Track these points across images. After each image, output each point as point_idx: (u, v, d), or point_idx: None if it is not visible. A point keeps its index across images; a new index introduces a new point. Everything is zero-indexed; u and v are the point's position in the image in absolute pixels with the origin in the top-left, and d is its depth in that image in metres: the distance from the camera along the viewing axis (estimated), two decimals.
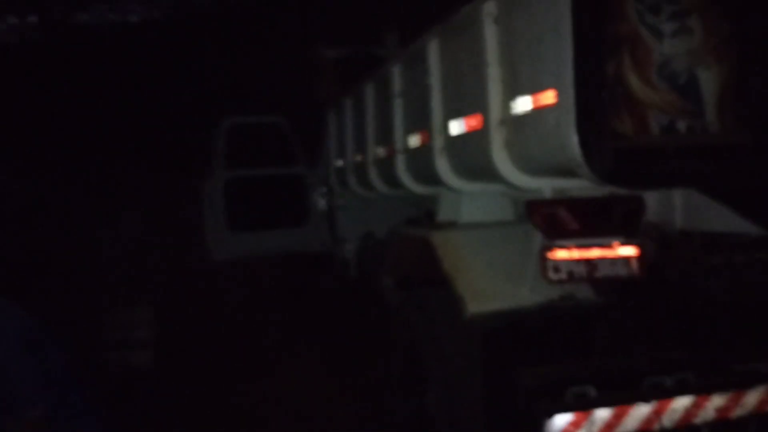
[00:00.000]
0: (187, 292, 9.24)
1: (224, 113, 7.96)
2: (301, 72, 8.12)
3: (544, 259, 2.94)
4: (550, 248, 2.93)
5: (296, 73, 8.57)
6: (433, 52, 3.84)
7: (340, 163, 6.23)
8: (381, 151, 4.96)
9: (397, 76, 4.52)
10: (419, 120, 4.11)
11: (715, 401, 2.82)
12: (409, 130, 4.35)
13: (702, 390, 2.82)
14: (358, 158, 5.55)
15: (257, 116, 8.22)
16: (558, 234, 2.95)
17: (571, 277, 2.93)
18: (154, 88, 12.44)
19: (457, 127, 3.62)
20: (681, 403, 2.78)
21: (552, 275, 2.94)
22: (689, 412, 2.79)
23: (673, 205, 3.22)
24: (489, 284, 3.31)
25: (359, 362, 5.78)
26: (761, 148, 2.69)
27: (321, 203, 7.33)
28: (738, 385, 2.86)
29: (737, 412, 2.84)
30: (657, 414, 2.75)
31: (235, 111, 8.40)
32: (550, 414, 2.69)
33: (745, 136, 2.66)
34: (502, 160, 3.20)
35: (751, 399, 2.86)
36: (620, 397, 2.77)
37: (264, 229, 7.46)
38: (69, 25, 13.57)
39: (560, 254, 2.93)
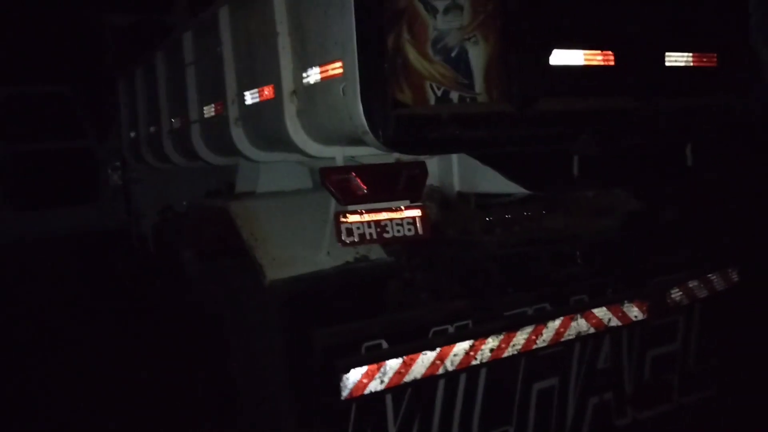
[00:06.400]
0: None
1: None
2: (88, 40, 7.61)
3: (337, 224, 3.07)
4: (342, 213, 3.07)
5: (82, 41, 8.01)
6: (224, 20, 3.81)
7: (132, 134, 5.96)
8: (176, 122, 4.84)
9: (188, 45, 4.42)
10: (213, 90, 4.07)
11: (490, 343, 3.14)
12: (204, 100, 4.29)
13: (479, 335, 3.13)
14: (152, 129, 5.37)
15: (38, 85, 7.59)
16: (350, 199, 3.08)
17: (363, 239, 3.09)
18: None
19: (250, 97, 3.64)
20: (461, 347, 3.06)
21: (345, 238, 3.07)
22: (468, 355, 3.08)
23: (451, 170, 3.52)
24: (287, 251, 3.39)
25: (161, 336, 5.64)
26: (522, 117, 3.01)
27: (114, 177, 6.99)
28: (508, 328, 3.21)
29: (509, 351, 3.20)
30: (441, 359, 3.01)
31: (12, 79, 7.70)
32: (346, 369, 2.84)
33: (508, 106, 2.96)
34: (295, 129, 3.28)
35: (520, 339, 3.23)
36: (408, 348, 2.99)
37: (50, 207, 6.96)
38: None
39: (352, 218, 3.07)
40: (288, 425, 3.37)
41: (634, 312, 3.50)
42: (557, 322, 3.29)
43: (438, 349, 3.01)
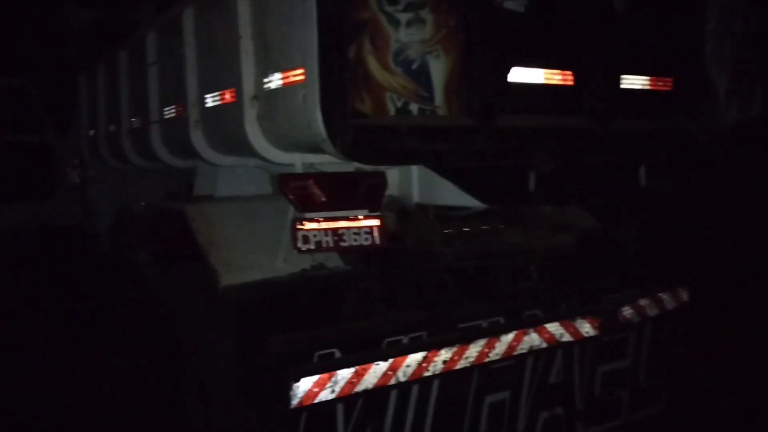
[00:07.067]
0: None
1: None
2: (50, 34, 7.46)
3: (294, 231, 3.05)
4: (300, 220, 3.06)
5: (44, 35, 7.85)
6: (188, 22, 3.77)
7: (92, 132, 5.86)
8: (136, 122, 4.78)
9: (151, 45, 4.37)
10: (175, 91, 4.02)
11: (443, 355, 3.15)
12: (165, 101, 4.24)
13: (432, 346, 3.14)
14: (112, 128, 5.28)
15: None
16: (307, 206, 3.07)
17: (320, 247, 3.08)
18: None
19: (211, 100, 3.61)
20: (414, 358, 3.06)
21: (301, 245, 3.06)
22: (421, 366, 3.08)
23: (411, 181, 3.52)
24: (243, 256, 3.36)
25: (113, 339, 5.54)
26: (480, 132, 3.04)
27: (72, 175, 6.85)
28: (462, 340, 3.22)
29: (461, 363, 3.21)
30: (393, 370, 3.01)
31: None
32: (297, 377, 2.82)
33: (467, 120, 2.98)
34: (255, 134, 3.26)
35: (473, 351, 3.24)
36: (361, 357, 2.98)
37: (4, 201, 6.78)
38: None
39: (309, 226, 3.06)
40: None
41: (586, 328, 3.55)
42: (510, 336, 3.31)
43: (391, 360, 3.00)
